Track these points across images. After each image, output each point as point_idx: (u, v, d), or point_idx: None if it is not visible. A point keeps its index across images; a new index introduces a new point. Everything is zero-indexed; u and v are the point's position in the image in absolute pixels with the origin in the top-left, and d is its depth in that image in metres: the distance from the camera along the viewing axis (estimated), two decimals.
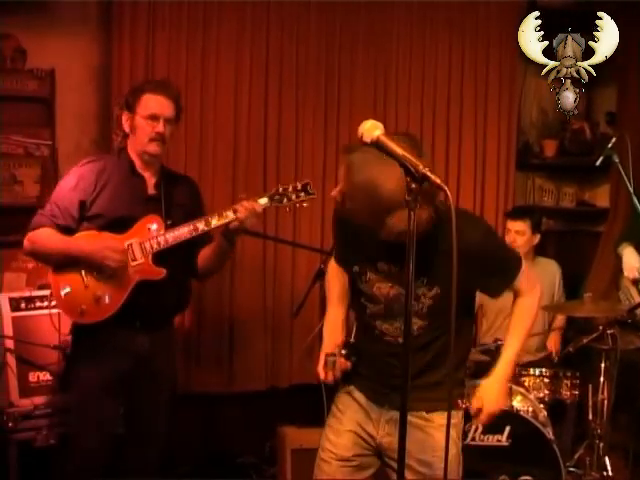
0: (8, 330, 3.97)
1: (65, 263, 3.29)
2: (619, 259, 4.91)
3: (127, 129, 3.41)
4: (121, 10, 4.68)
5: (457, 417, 2.77)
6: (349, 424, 2.82)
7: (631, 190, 4.38)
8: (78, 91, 4.73)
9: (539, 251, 5.12)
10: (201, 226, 3.33)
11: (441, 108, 5.40)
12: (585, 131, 5.80)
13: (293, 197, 3.43)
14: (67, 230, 3.31)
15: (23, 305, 4.05)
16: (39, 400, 3.92)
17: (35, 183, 4.54)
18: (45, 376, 3.98)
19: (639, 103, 5.52)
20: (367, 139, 2.37)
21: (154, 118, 3.33)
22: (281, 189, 3.42)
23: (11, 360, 3.91)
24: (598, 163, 4.43)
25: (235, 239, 3.42)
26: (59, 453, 3.69)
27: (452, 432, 2.56)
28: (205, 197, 4.43)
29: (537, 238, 4.95)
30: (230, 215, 3.31)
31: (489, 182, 5.52)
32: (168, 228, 3.33)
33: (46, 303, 4.06)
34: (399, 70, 5.31)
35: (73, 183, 3.35)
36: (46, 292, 4.04)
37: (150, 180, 3.44)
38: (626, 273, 4.80)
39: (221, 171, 4.92)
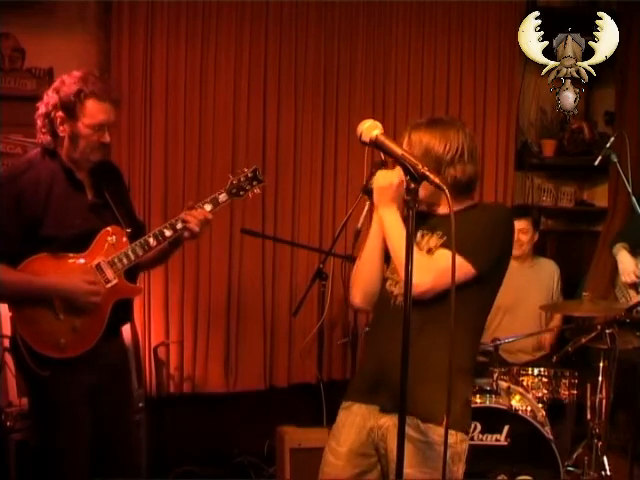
0: (6, 330, 3.96)
1: (27, 299, 3.04)
2: (614, 259, 4.89)
3: (64, 133, 3.07)
4: (120, 10, 4.68)
5: (454, 438, 2.53)
6: (345, 444, 2.66)
7: (630, 190, 4.38)
8: None
9: (538, 250, 5.12)
10: (168, 232, 3.16)
11: (440, 108, 5.40)
12: (584, 131, 5.80)
13: (248, 187, 3.33)
14: (14, 257, 3.01)
15: None
16: None
17: None
18: None
19: (638, 103, 5.52)
20: (366, 138, 2.37)
21: (100, 128, 3.07)
22: (235, 181, 3.31)
23: (9, 360, 3.90)
24: (597, 163, 4.43)
25: (182, 244, 3.31)
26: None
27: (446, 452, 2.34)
28: (205, 196, 4.44)
29: (537, 236, 4.96)
30: (180, 226, 3.17)
31: (488, 182, 5.52)
32: (130, 237, 3.17)
33: None
34: (398, 69, 5.31)
35: (12, 201, 3.01)
36: None
37: (86, 182, 3.18)
38: (623, 278, 4.77)
39: (220, 171, 4.91)
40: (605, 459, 4.33)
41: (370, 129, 2.37)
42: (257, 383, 5.08)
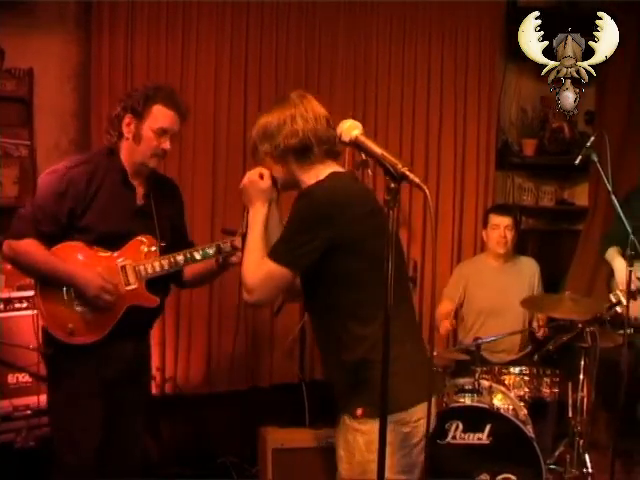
0: None
1: (49, 279, 3.15)
2: (607, 264, 4.85)
3: (128, 134, 3.21)
4: (100, 10, 4.65)
5: (367, 425, 2.47)
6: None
7: (610, 189, 4.39)
8: (57, 91, 4.71)
9: (519, 249, 5.13)
10: (198, 256, 3.30)
11: (420, 107, 5.42)
12: (564, 130, 5.82)
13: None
14: (51, 238, 3.12)
15: (2, 306, 4.02)
16: (18, 402, 3.90)
17: (14, 184, 4.50)
18: (24, 377, 3.96)
19: (618, 102, 5.55)
20: (346, 138, 2.37)
21: (163, 133, 3.21)
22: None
23: None
24: (577, 162, 4.43)
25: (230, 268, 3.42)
26: (42, 455, 3.66)
27: (361, 439, 2.50)
28: (185, 195, 4.40)
29: (517, 235, 4.96)
30: (228, 248, 3.34)
31: (469, 181, 5.54)
32: (162, 251, 3.26)
33: (25, 304, 4.05)
34: (379, 70, 5.32)
35: (63, 188, 3.14)
36: (25, 293, 4.02)
37: (139, 189, 3.30)
38: (622, 287, 4.70)
39: (201, 168, 4.91)
40: (587, 457, 4.35)
41: (350, 129, 2.37)
42: (239, 383, 5.08)
